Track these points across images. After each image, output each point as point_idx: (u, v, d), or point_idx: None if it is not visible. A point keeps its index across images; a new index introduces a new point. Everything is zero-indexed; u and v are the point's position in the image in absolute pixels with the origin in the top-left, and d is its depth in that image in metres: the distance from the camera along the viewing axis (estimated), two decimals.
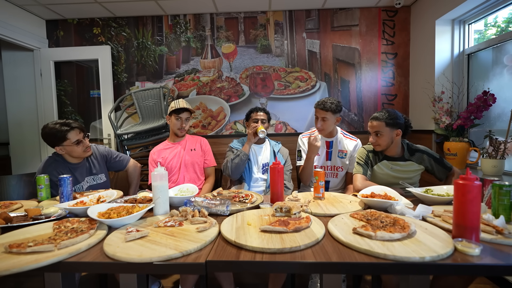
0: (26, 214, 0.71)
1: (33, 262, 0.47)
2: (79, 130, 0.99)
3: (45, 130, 0.96)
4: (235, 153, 1.15)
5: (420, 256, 0.46)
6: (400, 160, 0.99)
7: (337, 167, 1.18)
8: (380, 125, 0.95)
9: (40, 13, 1.78)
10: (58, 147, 0.97)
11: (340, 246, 0.52)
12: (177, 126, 1.16)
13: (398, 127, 0.96)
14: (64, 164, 1.01)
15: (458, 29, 1.51)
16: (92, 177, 1.06)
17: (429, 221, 0.64)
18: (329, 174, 1.18)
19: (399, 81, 1.82)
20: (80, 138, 0.99)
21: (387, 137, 0.95)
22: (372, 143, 0.99)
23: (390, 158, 1.01)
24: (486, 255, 0.48)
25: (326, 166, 1.19)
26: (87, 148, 1.02)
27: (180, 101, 1.18)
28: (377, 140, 0.97)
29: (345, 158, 1.17)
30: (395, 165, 0.99)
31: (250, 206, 0.78)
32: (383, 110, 0.98)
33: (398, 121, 0.96)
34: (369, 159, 1.03)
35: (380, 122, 0.95)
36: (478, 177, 0.52)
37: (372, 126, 0.97)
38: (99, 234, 0.58)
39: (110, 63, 1.84)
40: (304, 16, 1.85)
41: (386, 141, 0.96)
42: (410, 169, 0.99)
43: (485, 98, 1.23)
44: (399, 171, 0.99)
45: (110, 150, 1.14)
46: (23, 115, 1.88)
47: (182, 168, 1.17)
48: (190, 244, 0.52)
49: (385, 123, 0.94)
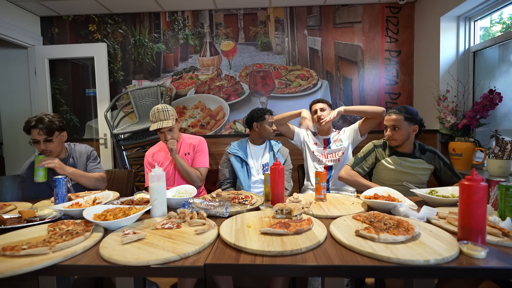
0: (20, 216, 0.70)
1: (27, 265, 0.46)
2: (42, 131, 0.92)
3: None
4: (224, 186, 1.18)
5: (425, 259, 0.45)
6: (410, 157, 0.99)
7: (336, 153, 1.21)
8: (399, 119, 0.94)
9: (34, 9, 1.76)
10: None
11: (342, 249, 0.51)
12: (162, 139, 1.10)
13: (416, 123, 0.96)
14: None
15: (464, 26, 1.49)
16: None
17: (434, 223, 0.63)
18: (330, 160, 1.21)
19: (403, 80, 1.80)
20: (40, 139, 0.93)
21: (404, 131, 0.95)
22: (388, 137, 0.98)
23: (400, 154, 1.00)
24: (492, 258, 0.47)
25: (325, 154, 1.21)
26: (45, 152, 0.96)
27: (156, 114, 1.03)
28: (394, 134, 0.95)
29: (342, 143, 1.21)
30: (404, 161, 0.99)
31: (250, 207, 0.77)
32: (402, 106, 0.99)
33: (415, 117, 0.96)
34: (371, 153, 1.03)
35: (400, 115, 0.95)
36: (484, 178, 0.51)
37: (391, 119, 0.96)
38: (95, 237, 0.57)
39: (106, 61, 1.81)
40: (306, 12, 1.82)
41: (403, 136, 0.95)
42: (419, 166, 0.98)
43: (491, 97, 1.22)
44: (408, 167, 0.98)
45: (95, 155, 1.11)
46: (16, 115, 1.85)
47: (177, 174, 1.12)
48: (188, 247, 0.51)
49: (404, 117, 0.94)
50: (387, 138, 0.99)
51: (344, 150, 1.20)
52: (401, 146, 0.99)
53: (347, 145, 1.21)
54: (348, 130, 1.24)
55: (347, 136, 1.23)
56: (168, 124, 1.03)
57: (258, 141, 1.24)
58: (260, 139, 1.24)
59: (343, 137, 1.23)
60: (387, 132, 0.98)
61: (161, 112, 1.05)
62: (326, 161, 1.20)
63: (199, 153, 1.15)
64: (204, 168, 1.13)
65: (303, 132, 1.28)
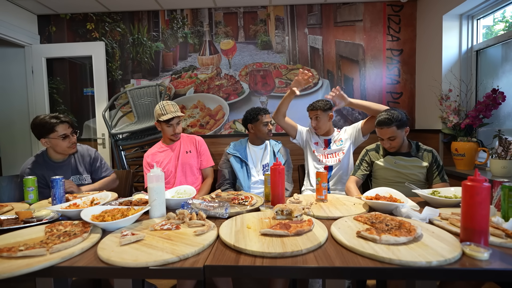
0: (17, 217, 0.70)
1: (24, 266, 0.45)
2: (68, 125, 0.99)
3: (35, 120, 0.97)
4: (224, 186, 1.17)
5: (427, 260, 0.45)
6: (405, 156, 1.01)
7: (336, 153, 1.20)
8: (393, 131, 0.97)
9: (31, 7, 1.74)
10: (44, 139, 0.97)
11: (343, 250, 0.51)
12: (170, 133, 1.12)
13: (406, 125, 0.99)
14: (46, 162, 1.00)
15: (466, 25, 1.47)
16: (78, 176, 1.04)
17: (436, 224, 0.62)
18: (330, 161, 1.20)
19: (404, 79, 1.79)
20: (68, 133, 0.99)
21: (400, 138, 0.99)
22: (387, 148, 1.02)
23: (394, 153, 1.02)
24: (495, 259, 0.46)
25: (325, 154, 1.20)
26: (72, 145, 1.00)
27: (166, 106, 1.09)
28: (391, 143, 0.99)
29: (343, 142, 1.21)
30: (399, 160, 1.01)
31: (250, 208, 0.76)
32: (387, 113, 0.98)
33: (404, 120, 0.99)
34: (364, 159, 1.08)
35: (391, 127, 0.97)
36: (487, 178, 0.52)
37: (385, 133, 0.98)
38: (93, 238, 0.57)
39: (104, 60, 1.80)
40: (306, 11, 1.80)
41: (399, 142, 1.00)
42: (414, 165, 1.00)
43: (494, 96, 1.21)
44: (403, 167, 1.00)
45: (98, 156, 1.11)
46: (13, 114, 1.84)
47: (178, 172, 1.13)
48: (188, 248, 0.51)
49: (396, 127, 0.97)
50: (387, 149, 1.02)
51: (344, 150, 1.19)
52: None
53: (348, 145, 1.20)
54: (350, 129, 1.23)
55: (348, 135, 1.22)
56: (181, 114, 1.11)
57: (257, 141, 1.23)
58: (258, 140, 1.22)
59: (344, 136, 1.22)
60: (384, 143, 1.01)
61: (170, 105, 1.11)
62: (326, 161, 1.20)
63: (204, 155, 1.20)
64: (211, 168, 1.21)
65: (306, 131, 1.26)
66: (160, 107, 1.10)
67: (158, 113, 1.10)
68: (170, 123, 1.10)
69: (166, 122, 1.10)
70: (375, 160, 1.05)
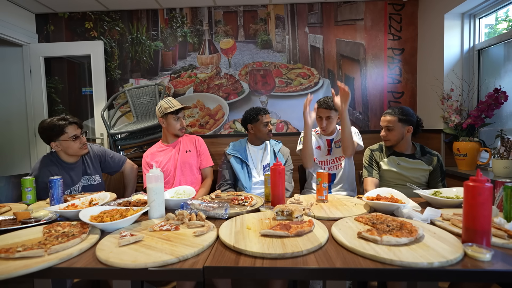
0: (14, 218, 0.69)
1: (22, 268, 0.45)
2: (77, 125, 0.99)
3: (42, 124, 0.96)
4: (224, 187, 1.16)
5: (428, 261, 0.44)
6: (409, 157, 1.00)
7: (338, 158, 1.19)
8: (393, 120, 0.97)
9: (29, 6, 1.73)
10: (54, 142, 0.96)
11: (344, 251, 0.51)
12: (178, 127, 1.12)
13: (410, 124, 0.98)
14: (60, 163, 0.99)
15: (468, 24, 1.46)
16: (87, 177, 1.04)
17: (438, 225, 0.62)
18: (332, 167, 1.18)
19: (406, 78, 1.78)
20: (78, 133, 0.98)
21: (397, 132, 0.98)
22: (382, 137, 1.02)
23: (398, 154, 1.02)
24: (497, 260, 0.46)
25: (327, 160, 1.18)
26: (83, 145, 1.00)
27: (172, 101, 1.12)
28: (387, 134, 0.99)
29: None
30: (402, 161, 1.00)
31: (250, 209, 0.76)
32: (397, 107, 1.01)
33: (410, 118, 0.98)
34: (372, 158, 1.06)
35: (393, 117, 0.97)
36: (489, 178, 0.50)
37: (385, 120, 0.99)
38: (92, 239, 0.56)
39: (103, 59, 1.79)
40: (307, 9, 1.79)
41: (397, 136, 0.98)
42: (417, 167, 0.99)
43: (497, 95, 1.20)
44: (406, 169, 0.99)
45: (104, 149, 1.11)
46: (11, 114, 1.83)
47: (178, 171, 1.12)
48: (187, 249, 0.51)
49: (398, 119, 0.97)
50: (382, 138, 1.02)
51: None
52: (397, 146, 1.02)
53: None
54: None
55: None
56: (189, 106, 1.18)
57: (256, 142, 1.22)
58: (257, 140, 1.21)
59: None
60: (382, 132, 1.01)
61: (173, 100, 1.13)
62: (327, 168, 1.17)
63: (204, 155, 1.20)
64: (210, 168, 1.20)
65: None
66: (165, 101, 1.11)
67: (165, 107, 1.10)
68: (178, 116, 1.11)
69: (174, 114, 1.09)
70: (379, 161, 1.04)
